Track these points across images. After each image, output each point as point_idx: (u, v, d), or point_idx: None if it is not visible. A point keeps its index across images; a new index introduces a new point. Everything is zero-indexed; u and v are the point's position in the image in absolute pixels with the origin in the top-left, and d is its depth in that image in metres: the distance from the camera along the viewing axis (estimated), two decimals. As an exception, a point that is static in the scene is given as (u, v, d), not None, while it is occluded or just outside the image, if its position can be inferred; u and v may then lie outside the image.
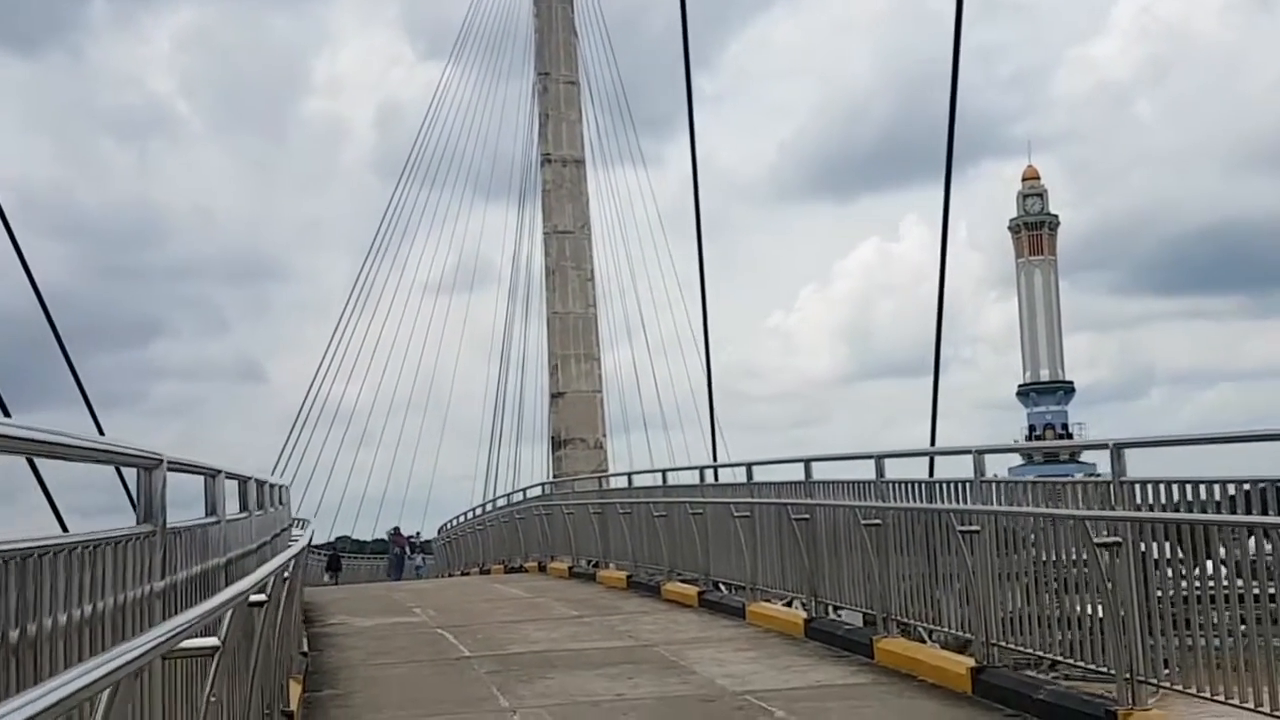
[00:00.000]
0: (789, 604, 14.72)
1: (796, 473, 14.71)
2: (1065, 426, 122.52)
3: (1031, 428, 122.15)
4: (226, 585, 6.00)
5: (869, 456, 12.16)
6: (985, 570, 9.74)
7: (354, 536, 57.57)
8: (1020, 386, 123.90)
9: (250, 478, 9.07)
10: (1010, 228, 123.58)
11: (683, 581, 17.96)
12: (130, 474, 5.16)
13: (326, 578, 43.82)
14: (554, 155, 55.11)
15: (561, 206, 55.15)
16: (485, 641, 14.07)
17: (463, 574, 33.84)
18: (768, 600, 15.05)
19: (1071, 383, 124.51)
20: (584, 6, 55.65)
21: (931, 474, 12.79)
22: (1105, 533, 8.03)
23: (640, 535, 20.07)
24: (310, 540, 15.80)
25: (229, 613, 4.78)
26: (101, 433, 18.97)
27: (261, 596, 5.92)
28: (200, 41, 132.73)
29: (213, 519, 6.71)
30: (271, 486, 12.29)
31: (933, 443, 21.39)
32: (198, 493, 6.79)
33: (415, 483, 50.47)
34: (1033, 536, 9.41)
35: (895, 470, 13.23)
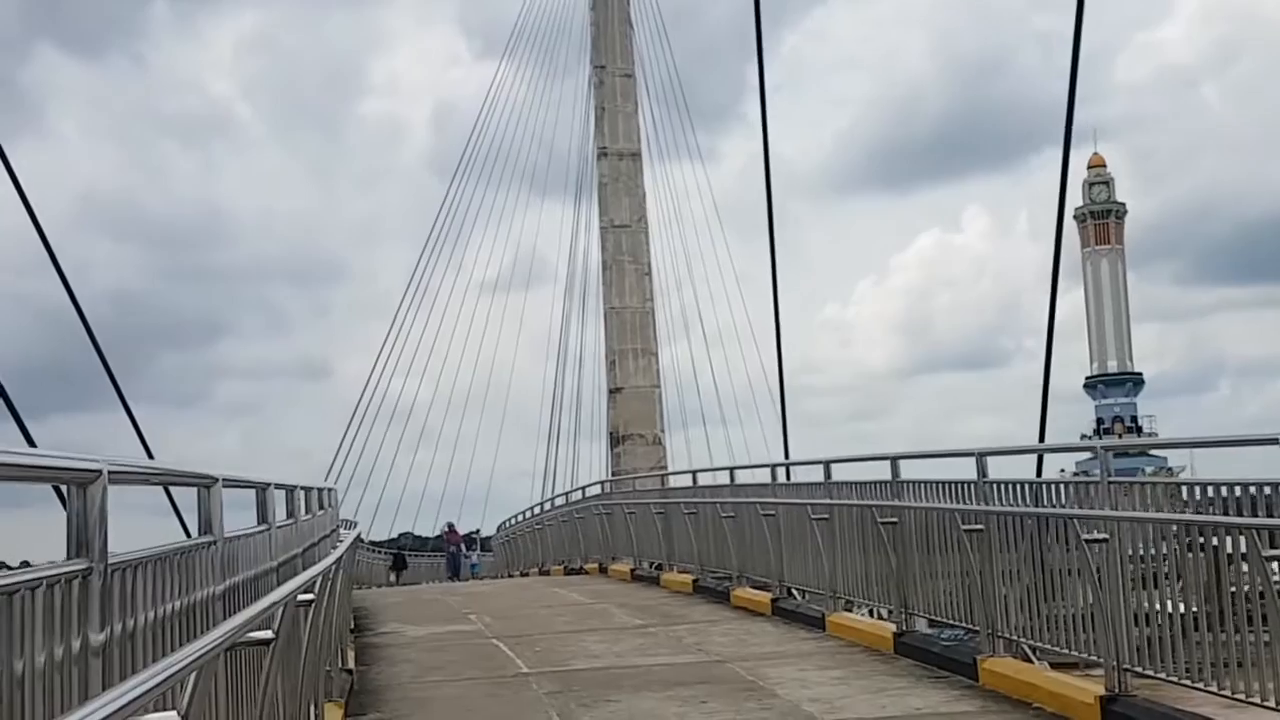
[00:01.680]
0: (873, 614, 13.52)
1: (878, 471, 13.53)
2: (1135, 419, 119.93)
3: (1099, 420, 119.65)
4: (278, 587, 6.41)
5: (968, 454, 10.91)
6: (1115, 583, 8.50)
7: (415, 533, 57.07)
8: (1088, 378, 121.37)
9: (296, 486, 9.58)
10: (1076, 217, 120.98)
11: (754, 587, 16.81)
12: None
13: (392, 577, 43.20)
14: (610, 149, 54.34)
15: (618, 200, 54.36)
16: (544, 655, 13.00)
17: (521, 574, 32.88)
18: (849, 609, 13.88)
19: (1140, 374, 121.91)
20: (640, -1, 54.85)
21: (1039, 473, 11.51)
22: None
23: (707, 537, 18.94)
24: (353, 544, 14.93)
25: (281, 610, 5.24)
26: (144, 441, 18.21)
27: (309, 596, 6.34)
28: (260, 44, 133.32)
29: (263, 526, 7.31)
30: (319, 491, 12.64)
31: (1041, 438, 19.63)
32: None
33: (474, 479, 49.87)
34: (1176, 547, 8.16)
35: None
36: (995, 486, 10.61)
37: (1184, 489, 8.66)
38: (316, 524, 11.68)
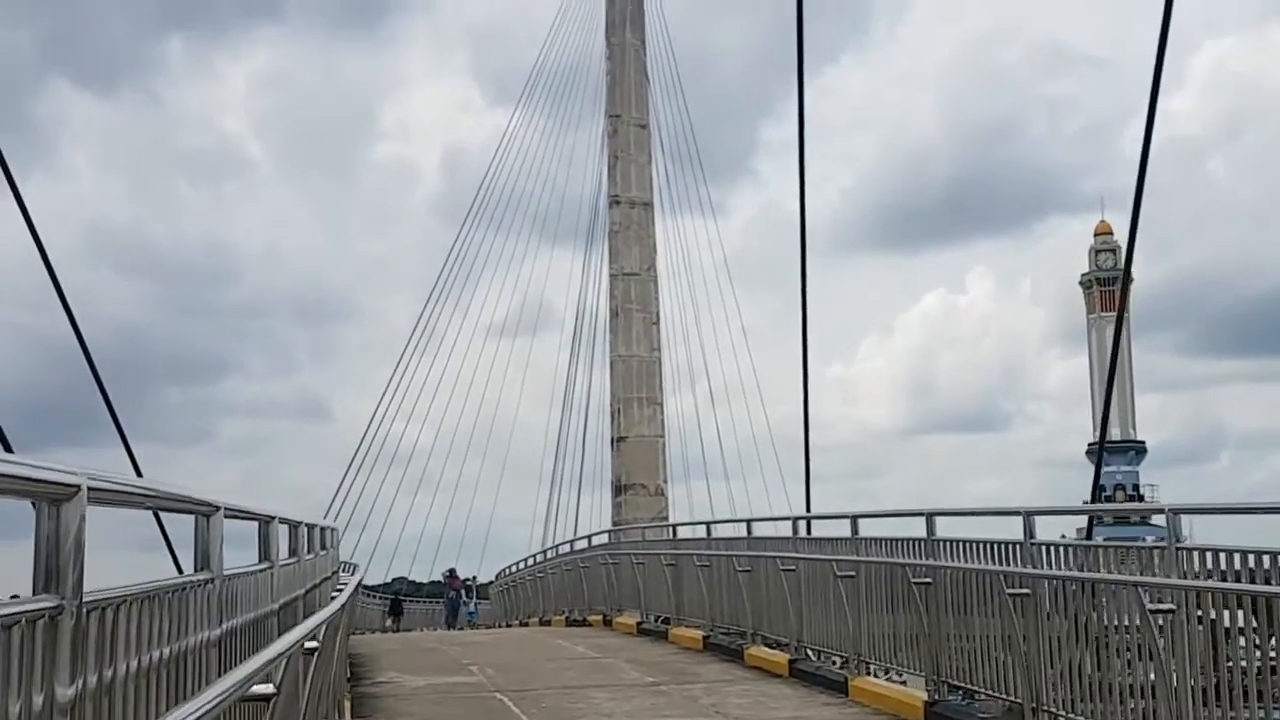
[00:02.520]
0: (901, 679, 12.82)
1: (908, 527, 12.90)
2: (1137, 488, 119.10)
3: (1101, 488, 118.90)
4: (279, 631, 6.13)
5: (1014, 513, 10.28)
6: (1183, 657, 7.84)
7: (410, 578, 56.27)
8: (1090, 445, 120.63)
9: (301, 523, 9.07)
10: (1082, 283, 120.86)
11: (769, 645, 16.11)
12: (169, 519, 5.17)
13: (389, 622, 42.43)
14: (623, 196, 54.17)
15: (629, 248, 54.09)
16: (552, 712, 12.31)
17: (521, 624, 32.08)
18: (873, 674, 13.18)
19: (1143, 442, 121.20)
20: (655, 51, 54.93)
21: (1090, 535, 10.87)
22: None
23: (720, 591, 18.24)
24: (357, 587, 14.30)
25: (284, 661, 4.69)
26: (139, 473, 17.55)
27: (315, 644, 5.78)
28: (274, 84, 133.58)
29: (265, 565, 6.75)
30: (322, 530, 12.08)
31: (1094, 497, 18.74)
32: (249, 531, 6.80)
33: (473, 524, 49.13)
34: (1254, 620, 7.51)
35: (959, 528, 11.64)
36: (1043, 549, 9.97)
37: (1251, 557, 8.04)
38: (319, 564, 11.13)
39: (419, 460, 48.67)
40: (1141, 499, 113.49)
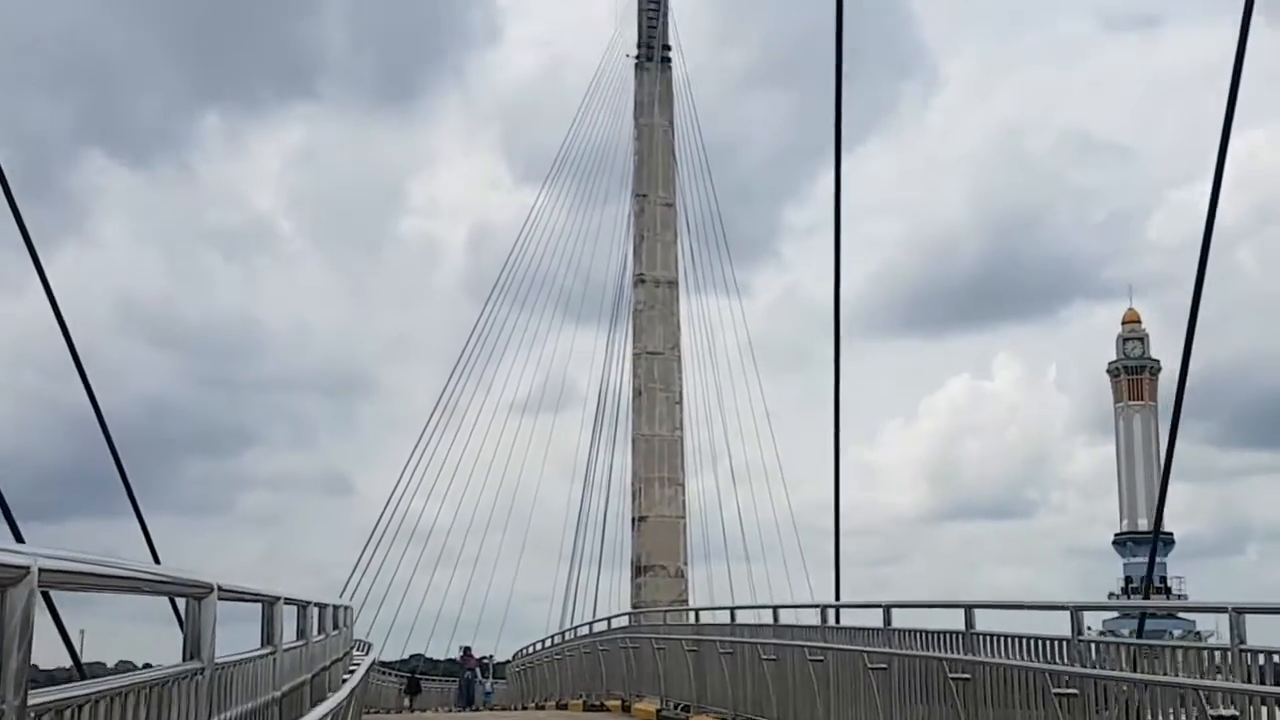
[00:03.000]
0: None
1: (940, 618, 12.40)
2: (1164, 579, 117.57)
3: (1128, 579, 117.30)
4: None
5: (1060, 608, 9.78)
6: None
7: (428, 655, 55.60)
8: (1117, 535, 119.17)
9: (310, 603, 8.71)
10: (1109, 371, 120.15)
11: (795, 738, 15.50)
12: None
13: (406, 700, 41.77)
14: (648, 275, 54.23)
15: (653, 327, 54.01)
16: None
17: (538, 707, 31.38)
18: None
19: (1171, 534, 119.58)
20: (683, 132, 55.27)
21: (1142, 634, 10.35)
22: None
23: (743, 680, 17.66)
24: (368, 671, 13.81)
25: None
26: (151, 545, 17.18)
27: None
28: (307, 160, 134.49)
29: (268, 649, 6.41)
30: (335, 609, 11.79)
31: (1146, 594, 18.12)
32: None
33: (491, 602, 48.60)
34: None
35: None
36: (1093, 646, 9.46)
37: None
38: (329, 645, 10.66)
39: (438, 536, 48.33)
40: (1169, 592, 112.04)
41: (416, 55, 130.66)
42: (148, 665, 4.45)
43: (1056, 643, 9.96)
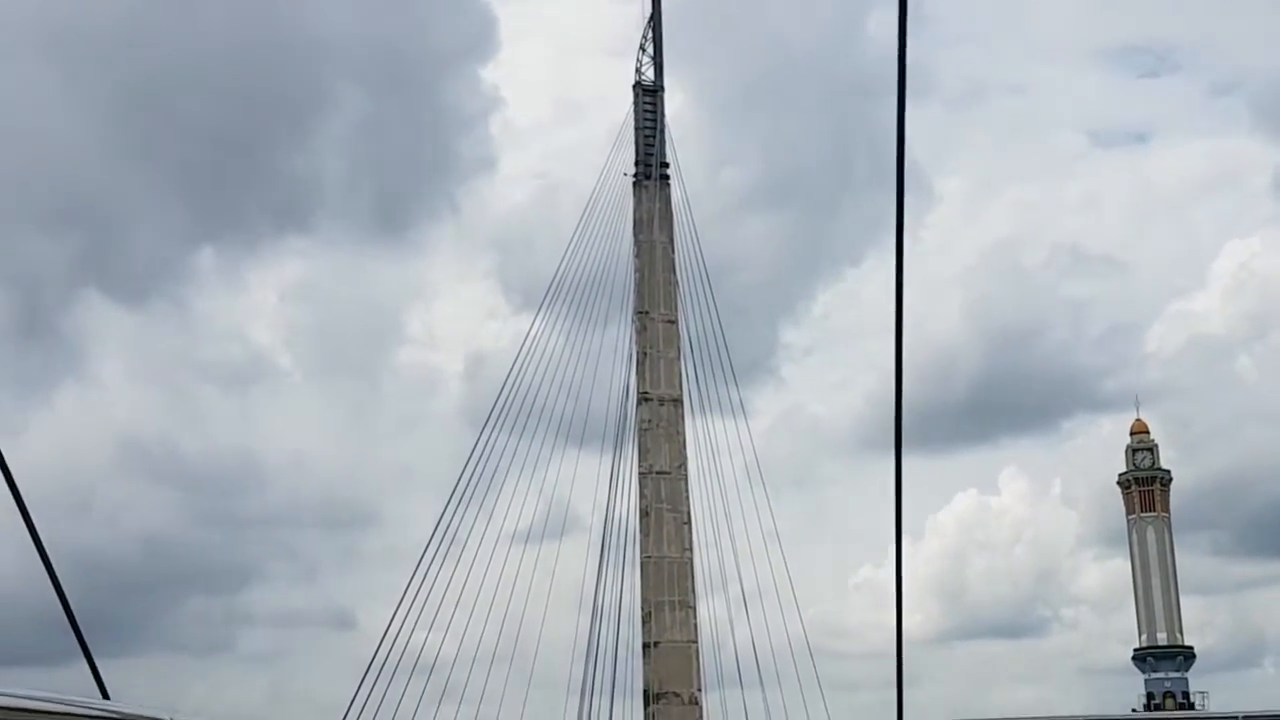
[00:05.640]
0: None
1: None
2: (1186, 695, 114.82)
3: (1150, 695, 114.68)
4: None
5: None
6: None
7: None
8: (1136, 650, 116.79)
9: None
10: (1120, 483, 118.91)
11: None
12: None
13: None
14: (652, 393, 53.35)
15: (658, 446, 52.97)
16: None
17: None
18: None
19: (1192, 648, 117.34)
20: (683, 252, 54.89)
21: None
22: None
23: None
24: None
25: None
26: (104, 690, 15.69)
27: None
28: (303, 293, 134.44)
29: None
30: None
31: None
32: None
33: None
34: None
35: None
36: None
37: None
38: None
39: (441, 670, 46.61)
40: (1192, 706, 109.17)
41: (411, 186, 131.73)
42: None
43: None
